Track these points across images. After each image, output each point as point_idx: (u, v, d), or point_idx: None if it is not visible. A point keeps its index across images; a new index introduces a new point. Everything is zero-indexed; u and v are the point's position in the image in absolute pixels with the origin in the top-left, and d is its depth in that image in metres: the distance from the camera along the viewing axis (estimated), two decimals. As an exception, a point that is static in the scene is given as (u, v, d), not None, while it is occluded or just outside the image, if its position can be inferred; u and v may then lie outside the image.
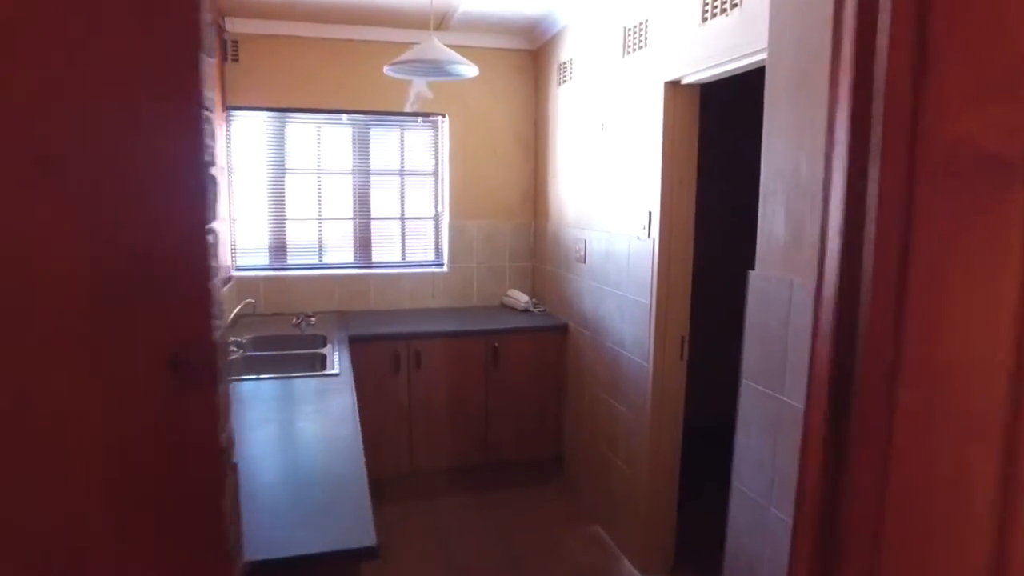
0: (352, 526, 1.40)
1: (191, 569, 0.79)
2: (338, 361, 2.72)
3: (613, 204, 2.99)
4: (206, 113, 0.95)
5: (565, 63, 3.53)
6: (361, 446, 1.82)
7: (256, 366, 2.84)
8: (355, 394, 2.31)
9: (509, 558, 3.01)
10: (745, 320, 1.75)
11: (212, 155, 1.03)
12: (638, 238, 2.73)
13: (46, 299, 0.66)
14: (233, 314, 2.94)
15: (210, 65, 0.95)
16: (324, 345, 3.06)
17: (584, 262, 3.33)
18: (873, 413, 0.54)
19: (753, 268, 1.78)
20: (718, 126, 2.98)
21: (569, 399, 3.61)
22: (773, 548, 1.65)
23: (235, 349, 2.81)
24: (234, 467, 1.22)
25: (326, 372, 2.57)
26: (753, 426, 1.73)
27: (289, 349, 3.07)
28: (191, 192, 0.74)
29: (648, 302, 2.66)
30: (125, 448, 0.72)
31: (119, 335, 0.68)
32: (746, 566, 1.75)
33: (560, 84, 3.62)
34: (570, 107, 3.49)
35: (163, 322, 0.71)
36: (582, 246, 3.34)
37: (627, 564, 2.93)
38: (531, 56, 4.00)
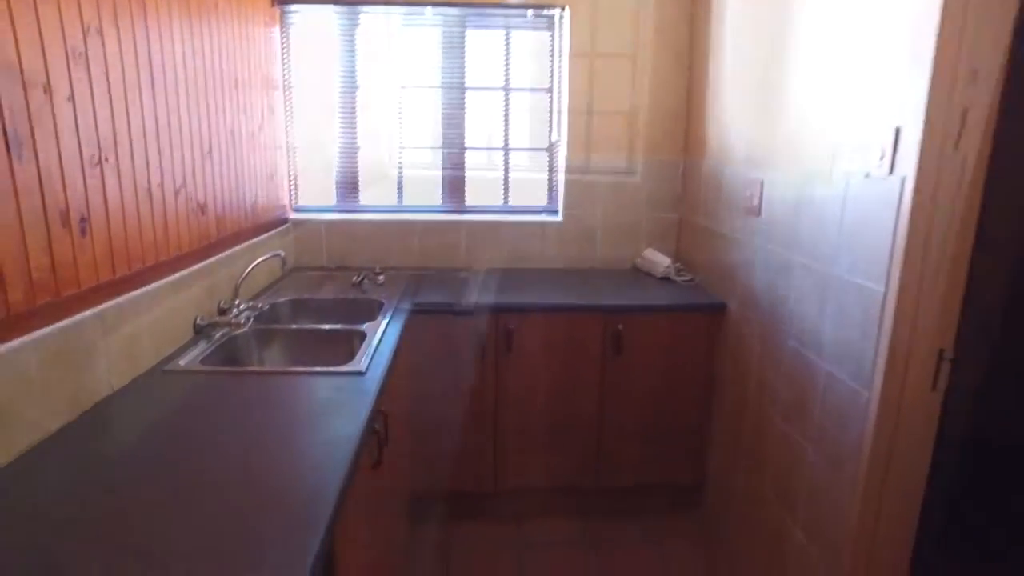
0: None
1: None
2: (374, 349, 1.84)
3: (818, 119, 1.83)
4: None
5: (745, -88, 2.34)
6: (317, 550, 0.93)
7: (266, 345, 2.05)
8: (367, 419, 1.41)
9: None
10: None
11: None
12: (867, 175, 1.58)
13: None
14: (247, 271, 2.15)
15: None
16: (375, 316, 2.21)
17: (758, 215, 2.20)
18: None
19: None
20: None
21: (721, 410, 2.53)
22: None
23: (244, 321, 2.02)
24: None
25: (347, 369, 1.69)
26: None
27: (326, 321, 2.26)
28: None
29: (880, 289, 1.52)
30: None
31: None
32: None
33: (735, -54, 2.43)
34: (749, -21, 2.31)
35: None
36: (756, 191, 2.21)
37: None
38: (692, -82, 2.81)
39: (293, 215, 2.99)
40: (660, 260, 2.92)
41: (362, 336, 1.98)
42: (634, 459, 2.67)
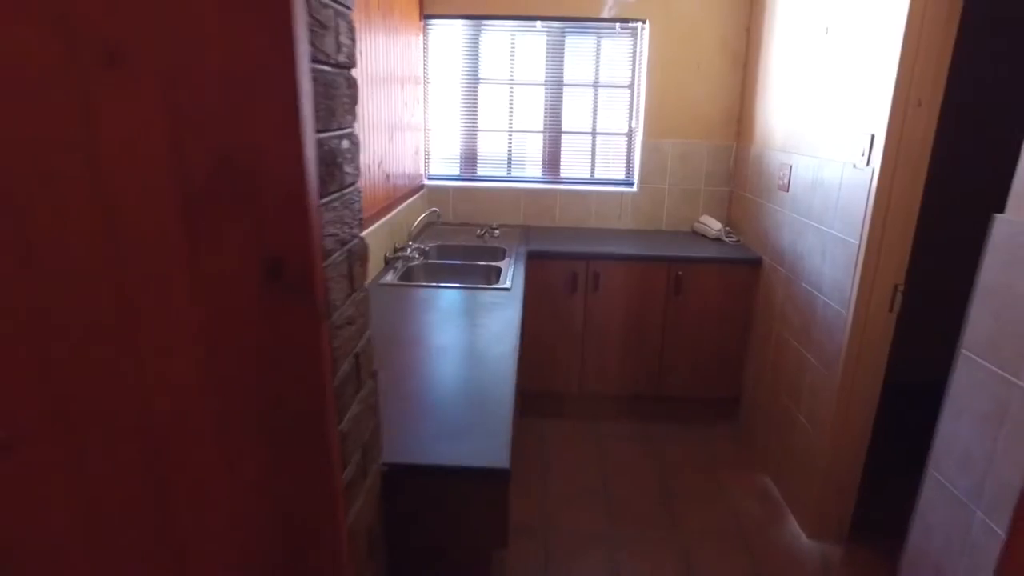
0: (490, 447, 1.40)
1: (293, 486, 0.81)
2: (511, 276, 2.73)
3: (828, 124, 2.58)
4: (322, 7, 0.89)
5: (791, -44, 3.04)
6: (515, 367, 1.81)
7: (434, 273, 2.95)
8: (521, 312, 2.29)
9: (664, 493, 2.93)
10: (977, 275, 1.41)
11: (346, 55, 0.99)
12: (854, 166, 2.34)
13: (129, 201, 0.66)
14: (417, 222, 3.06)
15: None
16: (503, 258, 3.09)
17: (787, 191, 2.96)
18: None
19: (1000, 211, 1.42)
20: (977, 35, 2.40)
21: (754, 340, 3.33)
22: (972, 558, 1.38)
23: (416, 256, 2.93)
24: (373, 374, 1.26)
25: (498, 286, 2.58)
26: (967, 410, 1.43)
27: (468, 259, 3.14)
28: (284, 92, 0.69)
29: (856, 242, 2.30)
30: (225, 361, 0.73)
31: (211, 239, 0.67)
32: (934, 569, 1.49)
33: (782, -18, 3.14)
34: (790, 7, 3.03)
35: (258, 227, 0.69)
36: (787, 172, 2.96)
37: (794, 524, 2.71)
38: (752, -50, 3.50)
39: (427, 182, 3.89)
40: (713, 224, 3.69)
41: (498, 270, 2.86)
42: (686, 376, 3.50)
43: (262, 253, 0.70)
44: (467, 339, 2.01)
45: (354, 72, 1.06)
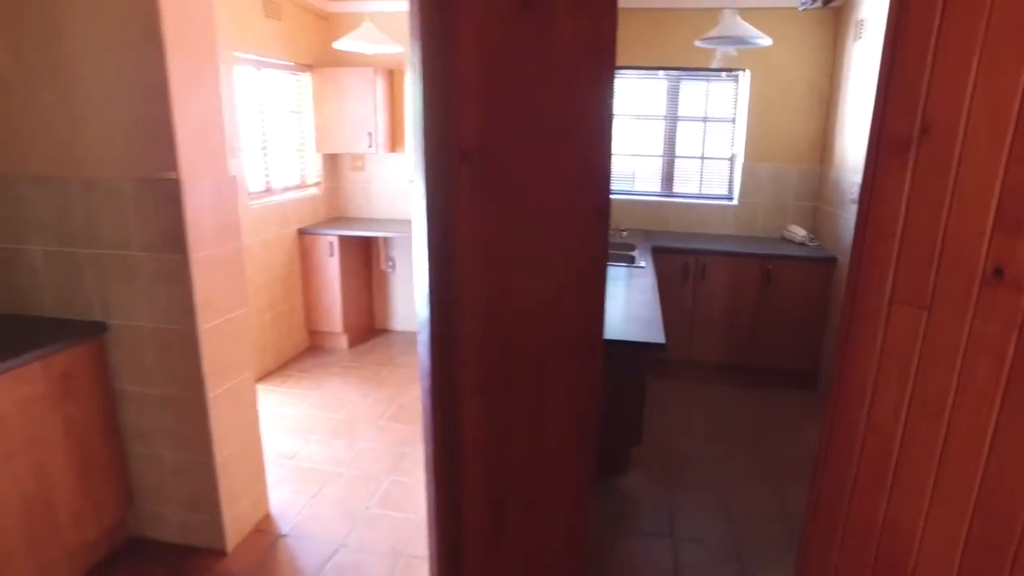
0: (652, 334, 2.44)
1: (582, 322, 1.88)
2: (643, 260, 3.76)
3: (886, 152, 3.47)
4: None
5: (861, 20, 3.96)
6: (658, 304, 2.84)
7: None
8: (655, 280, 3.32)
9: (751, 430, 3.85)
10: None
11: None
12: (901, 182, 3.24)
13: (556, 186, 1.76)
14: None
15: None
16: (633, 250, 4.13)
17: (856, 203, 3.85)
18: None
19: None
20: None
21: (831, 322, 4.20)
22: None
23: (572, 246, 4.03)
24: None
25: (635, 265, 3.63)
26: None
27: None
28: (604, 135, 1.77)
29: (901, 236, 3.19)
30: (574, 251, 1.81)
31: (576, 200, 1.75)
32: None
33: (855, 40, 4.05)
34: (861, 62, 3.94)
35: (592, 195, 1.77)
36: (856, 189, 3.86)
37: (857, 449, 3.56)
38: (832, 13, 4.42)
39: (568, 195, 4.99)
40: (799, 232, 4.58)
41: (632, 257, 3.90)
42: (773, 350, 4.40)
43: (591, 206, 1.77)
44: (623, 291, 3.07)
45: (600, 127, 2.15)
